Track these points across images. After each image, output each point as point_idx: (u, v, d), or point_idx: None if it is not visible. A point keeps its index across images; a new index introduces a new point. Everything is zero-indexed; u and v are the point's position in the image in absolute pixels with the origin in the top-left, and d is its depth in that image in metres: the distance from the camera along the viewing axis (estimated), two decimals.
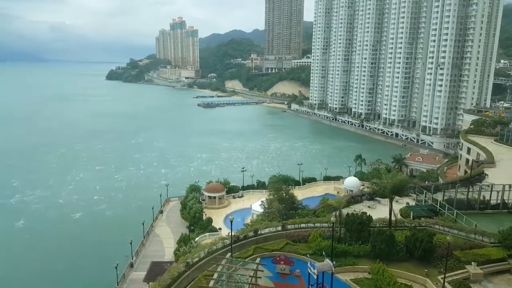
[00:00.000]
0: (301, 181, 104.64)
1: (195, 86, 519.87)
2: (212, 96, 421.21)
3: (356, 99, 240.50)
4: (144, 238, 71.84)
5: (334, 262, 36.55)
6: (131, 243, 63.47)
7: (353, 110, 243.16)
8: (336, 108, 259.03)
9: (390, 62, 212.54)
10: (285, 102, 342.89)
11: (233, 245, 42.76)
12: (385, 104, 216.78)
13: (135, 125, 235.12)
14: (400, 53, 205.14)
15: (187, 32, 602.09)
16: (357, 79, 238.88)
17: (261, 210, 70.91)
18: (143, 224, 71.98)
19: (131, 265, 62.58)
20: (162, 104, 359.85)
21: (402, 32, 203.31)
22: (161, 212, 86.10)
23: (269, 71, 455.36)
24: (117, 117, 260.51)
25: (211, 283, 35.71)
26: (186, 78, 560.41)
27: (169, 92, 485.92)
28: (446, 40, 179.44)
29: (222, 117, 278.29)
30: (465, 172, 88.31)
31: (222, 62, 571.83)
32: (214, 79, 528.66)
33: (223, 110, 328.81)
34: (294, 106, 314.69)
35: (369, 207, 69.02)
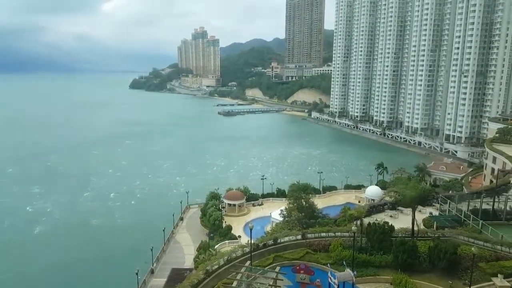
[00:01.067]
0: (321, 189, 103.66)
1: (215, 95, 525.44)
2: (233, 104, 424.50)
3: (377, 107, 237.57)
4: (164, 244, 72.61)
5: (355, 272, 36.19)
6: (151, 250, 64.29)
7: (375, 118, 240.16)
8: (357, 116, 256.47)
9: (413, 70, 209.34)
10: (306, 110, 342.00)
11: (252, 253, 42.72)
12: (408, 112, 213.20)
13: (154, 132, 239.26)
14: (423, 60, 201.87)
15: (208, 41, 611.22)
16: (379, 87, 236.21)
17: (280, 218, 70.56)
18: (163, 231, 72.81)
19: (152, 272, 63.30)
20: (182, 112, 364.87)
21: (425, 40, 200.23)
22: (182, 219, 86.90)
23: (289, 79, 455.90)
24: (137, 125, 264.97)
25: None
26: (207, 86, 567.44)
27: (190, 100, 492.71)
28: (470, 47, 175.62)
29: (242, 125, 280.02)
30: (491, 181, 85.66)
31: (243, 70, 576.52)
32: (235, 88, 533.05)
33: (243, 118, 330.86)
34: (314, 114, 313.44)
35: (391, 216, 67.82)
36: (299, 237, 47.67)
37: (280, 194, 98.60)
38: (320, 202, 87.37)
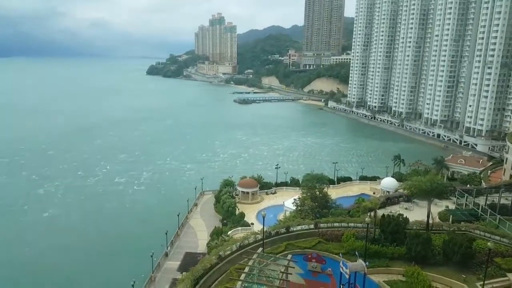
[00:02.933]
0: (336, 180, 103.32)
1: (231, 82, 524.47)
2: (248, 92, 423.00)
3: (396, 98, 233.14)
4: (179, 229, 73.95)
5: (367, 263, 36.15)
6: (166, 234, 65.59)
7: (393, 109, 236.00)
8: (375, 107, 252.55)
9: (434, 60, 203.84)
10: (322, 100, 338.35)
11: (265, 241, 43.12)
12: (427, 104, 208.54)
13: (168, 118, 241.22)
14: (445, 50, 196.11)
15: (225, 28, 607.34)
16: (399, 77, 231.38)
17: (293, 207, 70.83)
18: (178, 216, 74.07)
19: (166, 255, 64.67)
20: (198, 99, 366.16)
21: (448, 29, 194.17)
22: (196, 205, 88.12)
23: (307, 68, 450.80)
24: (151, 112, 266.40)
25: (242, 276, 36.27)
26: (223, 74, 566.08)
27: (206, 87, 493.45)
28: (495, 37, 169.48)
29: (257, 114, 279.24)
30: (511, 176, 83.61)
31: (260, 58, 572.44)
32: (251, 75, 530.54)
33: (259, 106, 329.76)
34: (331, 103, 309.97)
35: (406, 209, 67.31)
36: (312, 226, 47.93)
37: (293, 183, 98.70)
38: (334, 193, 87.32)
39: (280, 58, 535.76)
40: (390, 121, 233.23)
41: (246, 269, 37.41)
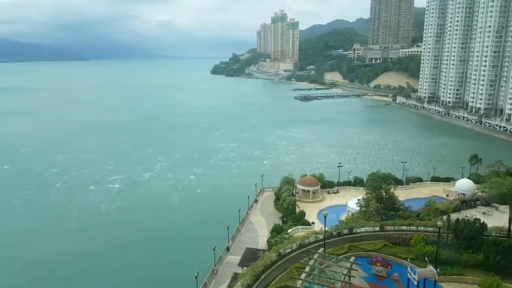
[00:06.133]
0: (404, 180, 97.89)
1: (293, 79, 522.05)
2: (310, 89, 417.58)
3: (474, 92, 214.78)
4: (240, 224, 75.11)
5: (438, 270, 34.13)
6: (228, 228, 67.01)
7: (470, 104, 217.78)
8: (449, 102, 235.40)
9: None
10: (390, 95, 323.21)
11: (326, 241, 42.19)
12: (510, 99, 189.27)
13: (228, 116, 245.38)
14: None
15: (287, 24, 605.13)
16: (476, 70, 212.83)
17: (357, 208, 68.40)
18: (239, 211, 75.28)
19: (228, 249, 66.00)
20: (257, 96, 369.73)
21: None
22: (256, 201, 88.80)
23: (373, 62, 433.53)
24: (212, 109, 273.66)
25: (303, 275, 35.75)
26: (285, 71, 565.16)
27: (267, 85, 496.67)
28: None
29: (318, 111, 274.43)
30: None
31: (322, 53, 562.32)
32: (313, 72, 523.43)
33: (321, 103, 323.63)
34: (400, 99, 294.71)
35: (483, 213, 62.21)
36: (377, 228, 46.26)
37: (357, 183, 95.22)
38: (402, 194, 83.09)
39: (344, 52, 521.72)
40: (466, 117, 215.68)
41: (307, 269, 36.83)
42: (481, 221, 43.04)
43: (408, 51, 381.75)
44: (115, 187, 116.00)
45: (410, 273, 34.06)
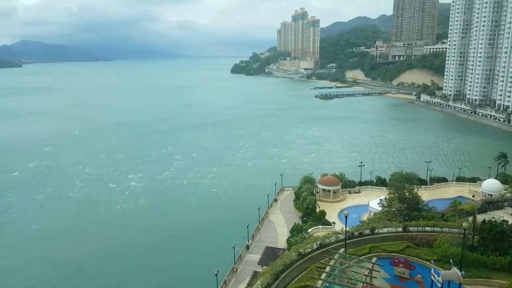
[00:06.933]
0: (428, 180, 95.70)
1: (313, 77, 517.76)
2: (331, 87, 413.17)
3: (502, 90, 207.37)
4: (259, 223, 75.20)
5: (463, 272, 33.26)
6: (247, 227, 67.17)
7: (498, 102, 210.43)
8: (476, 100, 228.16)
9: None
10: (414, 93, 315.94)
11: (347, 241, 41.68)
12: None
13: (247, 115, 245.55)
14: None
15: (308, 22, 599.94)
16: (505, 66, 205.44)
17: (379, 208, 67.27)
18: (258, 210, 75.32)
19: (247, 247, 66.21)
20: (277, 95, 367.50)
21: None
22: (276, 200, 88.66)
23: (396, 59, 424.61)
24: (232, 108, 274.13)
25: (323, 275, 35.42)
26: (305, 69, 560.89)
27: (287, 83, 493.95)
28: None
29: (339, 109, 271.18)
30: None
31: (343, 51, 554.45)
32: (334, 70, 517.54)
33: (342, 101, 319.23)
34: (424, 97, 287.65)
35: (511, 215, 59.78)
36: (400, 229, 45.40)
37: (379, 182, 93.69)
38: (426, 194, 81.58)
39: (366, 50, 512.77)
40: (494, 116, 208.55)
41: (327, 269, 36.46)
42: (509, 222, 41.73)
43: (433, 48, 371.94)
44: (138, 186, 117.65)
45: (434, 275, 33.31)
